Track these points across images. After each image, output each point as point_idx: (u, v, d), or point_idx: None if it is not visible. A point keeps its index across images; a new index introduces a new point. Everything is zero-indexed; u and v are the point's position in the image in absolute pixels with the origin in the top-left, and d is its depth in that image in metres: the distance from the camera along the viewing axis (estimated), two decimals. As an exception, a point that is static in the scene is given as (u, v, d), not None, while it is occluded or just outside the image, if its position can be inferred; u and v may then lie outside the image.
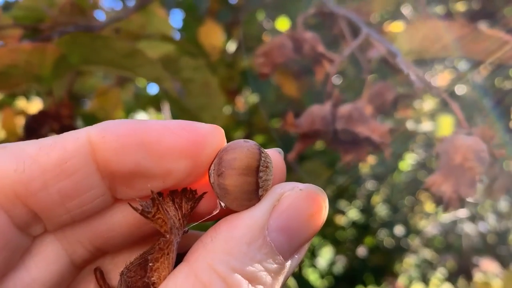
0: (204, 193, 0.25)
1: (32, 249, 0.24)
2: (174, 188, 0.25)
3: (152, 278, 0.22)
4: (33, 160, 0.21)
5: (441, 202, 0.36)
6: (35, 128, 0.49)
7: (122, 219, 0.25)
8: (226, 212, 0.23)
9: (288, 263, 0.22)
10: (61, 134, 0.22)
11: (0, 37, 0.55)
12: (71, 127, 0.52)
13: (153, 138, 0.22)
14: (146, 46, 0.58)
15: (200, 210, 0.25)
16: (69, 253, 0.25)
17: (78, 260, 0.26)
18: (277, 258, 0.22)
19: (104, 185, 0.23)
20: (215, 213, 0.24)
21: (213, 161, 0.24)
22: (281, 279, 0.22)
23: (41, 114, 0.50)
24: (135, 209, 0.22)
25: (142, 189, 0.23)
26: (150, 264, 0.23)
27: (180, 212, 0.24)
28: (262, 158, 0.22)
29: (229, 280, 0.20)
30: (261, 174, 0.22)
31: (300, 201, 0.22)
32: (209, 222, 0.26)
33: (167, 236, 0.22)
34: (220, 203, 0.24)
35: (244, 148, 0.22)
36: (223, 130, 0.24)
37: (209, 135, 0.23)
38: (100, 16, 0.69)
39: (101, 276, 0.26)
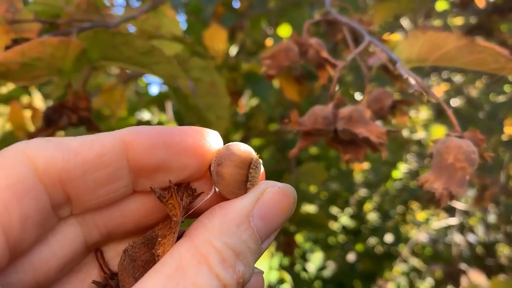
0: (201, 192, 0.30)
1: (56, 229, 0.28)
2: (179, 183, 0.30)
3: (158, 251, 0.27)
4: (76, 152, 0.26)
5: (433, 199, 0.39)
6: (54, 119, 0.51)
7: (135, 208, 0.30)
8: (218, 202, 0.29)
9: (262, 245, 0.28)
10: (98, 134, 0.28)
11: (20, 31, 0.57)
12: (89, 119, 0.54)
13: (175, 140, 0.28)
14: (158, 45, 0.61)
15: (194, 205, 0.31)
16: (85, 235, 0.29)
17: (91, 242, 0.30)
18: (256, 240, 0.27)
19: (130, 177, 0.28)
20: (209, 196, 0.30)
21: (214, 156, 0.30)
22: (256, 256, 0.28)
23: (60, 106, 0.52)
24: (155, 191, 0.28)
25: (161, 182, 0.29)
26: (159, 239, 0.28)
27: (181, 204, 0.29)
28: (254, 159, 0.28)
29: (223, 252, 0.25)
30: (251, 170, 0.28)
31: (277, 196, 0.28)
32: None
33: (175, 218, 0.28)
34: (215, 188, 0.29)
35: (241, 148, 0.28)
36: (219, 135, 0.31)
37: (214, 138, 0.30)
38: (114, 13, 0.72)
39: (101, 255, 0.31)
